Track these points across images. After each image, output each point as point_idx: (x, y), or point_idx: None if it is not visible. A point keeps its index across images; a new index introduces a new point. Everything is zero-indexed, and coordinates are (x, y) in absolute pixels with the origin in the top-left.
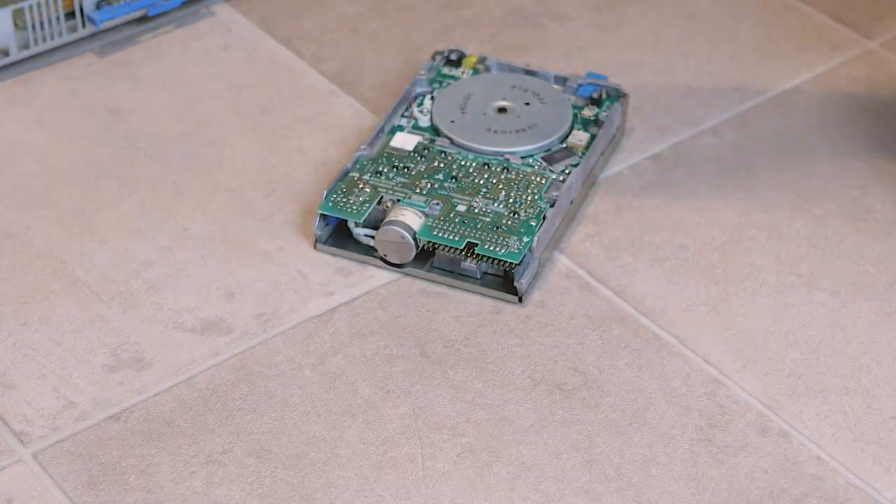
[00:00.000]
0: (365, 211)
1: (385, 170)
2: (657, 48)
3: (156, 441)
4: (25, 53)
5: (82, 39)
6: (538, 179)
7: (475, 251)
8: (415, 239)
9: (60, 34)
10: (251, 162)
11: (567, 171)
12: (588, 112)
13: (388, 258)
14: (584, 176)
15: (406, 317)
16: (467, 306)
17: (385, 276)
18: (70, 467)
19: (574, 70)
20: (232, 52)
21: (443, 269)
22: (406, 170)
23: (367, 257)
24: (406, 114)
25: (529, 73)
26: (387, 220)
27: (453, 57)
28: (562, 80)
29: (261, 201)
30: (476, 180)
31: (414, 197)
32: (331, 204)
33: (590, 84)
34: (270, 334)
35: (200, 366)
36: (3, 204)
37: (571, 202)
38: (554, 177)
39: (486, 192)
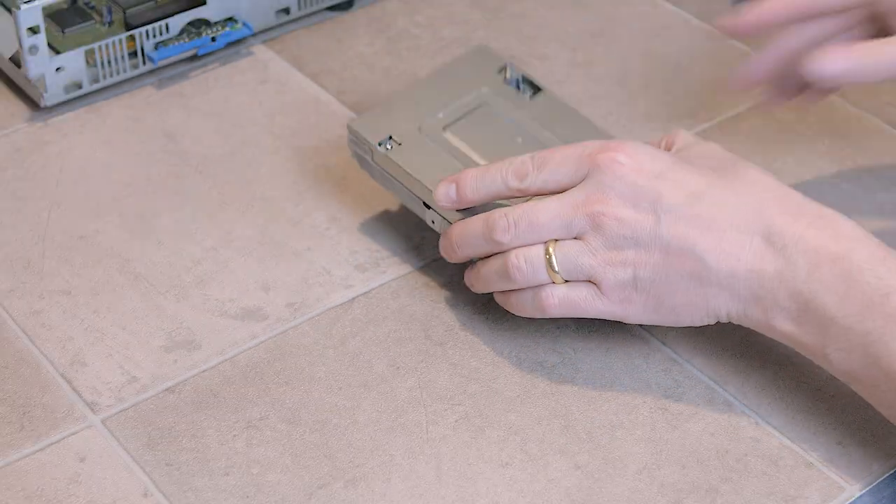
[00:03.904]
0: None
1: None
2: (622, 82)
3: (204, 409)
4: (95, 86)
5: (142, 75)
6: None
7: None
8: None
9: (125, 70)
10: (284, 176)
11: None
12: None
13: None
14: None
15: (413, 306)
16: (464, 297)
17: (396, 271)
18: (132, 431)
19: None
20: (268, 85)
21: None
22: None
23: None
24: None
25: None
26: None
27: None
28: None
29: (292, 209)
30: None
31: None
32: None
33: None
34: (300, 320)
35: (241, 347)
36: (76, 212)
37: None
38: None
39: None
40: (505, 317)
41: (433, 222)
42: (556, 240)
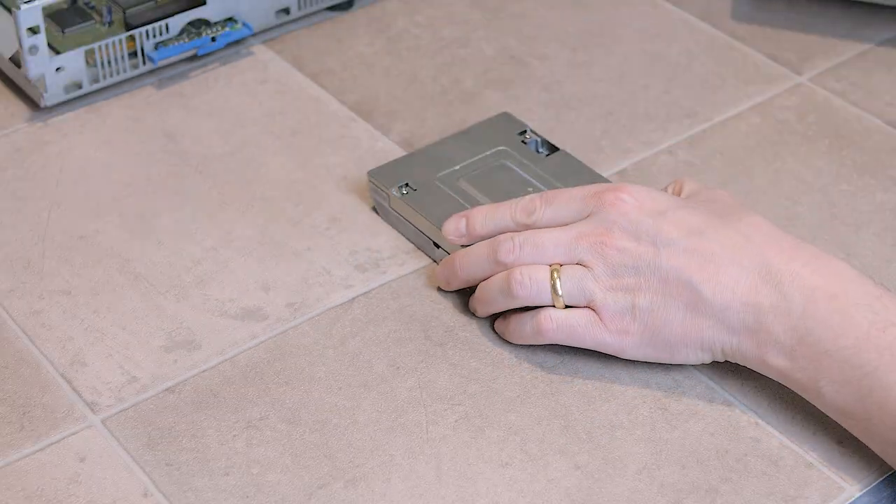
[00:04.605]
0: None
1: None
2: (622, 82)
3: (204, 409)
4: (95, 86)
5: (143, 75)
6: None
7: None
8: None
9: (125, 70)
10: (284, 176)
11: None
12: None
13: None
14: None
15: (413, 306)
16: (464, 298)
17: (396, 272)
18: (132, 431)
19: (552, 100)
20: (268, 85)
21: None
22: None
23: None
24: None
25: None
26: None
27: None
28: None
29: (292, 209)
30: None
31: None
32: None
33: None
34: (300, 320)
35: (241, 347)
36: (76, 212)
37: None
38: None
39: None
40: None
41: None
42: (561, 265)
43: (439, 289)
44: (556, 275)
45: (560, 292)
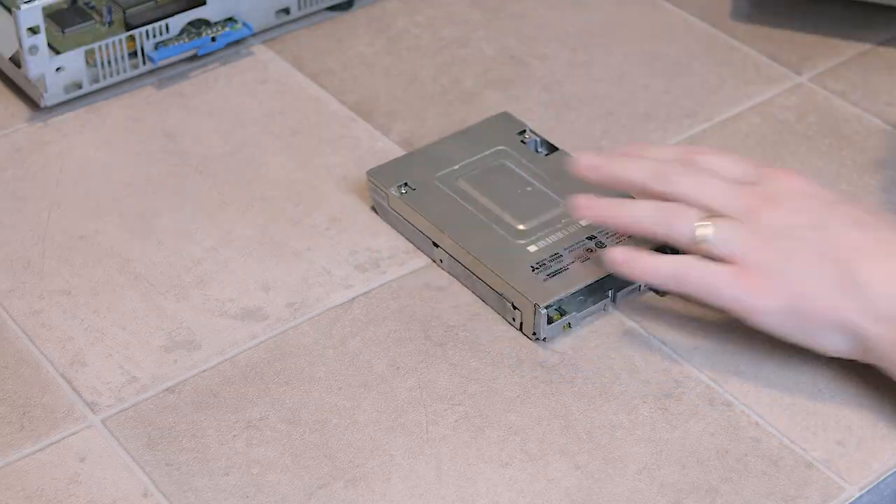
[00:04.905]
0: None
1: None
2: (622, 82)
3: (204, 409)
4: (95, 86)
5: (143, 75)
6: None
7: None
8: None
9: (125, 70)
10: (284, 176)
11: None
12: None
13: None
14: None
15: (413, 306)
16: (464, 298)
17: (396, 272)
18: (132, 431)
19: (552, 100)
20: (268, 85)
21: None
22: None
23: None
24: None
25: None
26: None
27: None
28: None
29: (292, 209)
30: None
31: None
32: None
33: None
34: (300, 320)
35: (241, 347)
36: (76, 212)
37: None
38: None
39: None
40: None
41: (441, 261)
42: (714, 216)
43: (439, 288)
44: (706, 222)
45: (705, 240)
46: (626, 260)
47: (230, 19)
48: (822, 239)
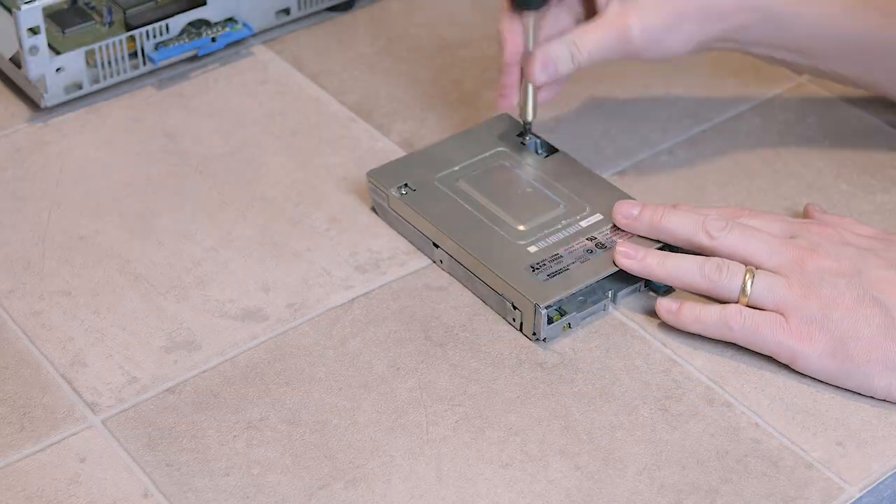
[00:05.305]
0: None
1: None
2: (623, 84)
3: (204, 410)
4: (96, 87)
5: (143, 75)
6: None
7: None
8: None
9: (125, 70)
10: (284, 177)
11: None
12: None
13: None
14: None
15: (413, 307)
16: (464, 299)
17: (396, 273)
18: (133, 431)
19: (554, 101)
20: (268, 85)
21: None
22: None
23: None
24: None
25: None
26: None
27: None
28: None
29: (292, 210)
30: None
31: None
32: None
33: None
34: (300, 321)
35: (241, 347)
36: (76, 212)
37: None
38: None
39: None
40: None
41: (441, 262)
42: (757, 268)
43: (439, 289)
44: (749, 274)
45: (748, 291)
46: (672, 310)
47: (230, 20)
48: (861, 283)
